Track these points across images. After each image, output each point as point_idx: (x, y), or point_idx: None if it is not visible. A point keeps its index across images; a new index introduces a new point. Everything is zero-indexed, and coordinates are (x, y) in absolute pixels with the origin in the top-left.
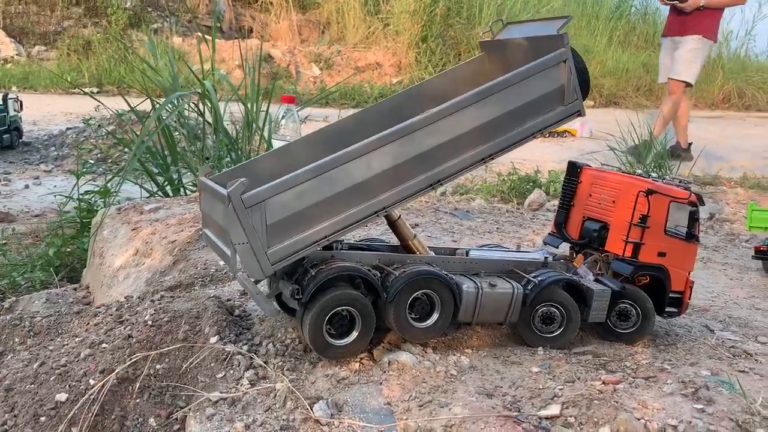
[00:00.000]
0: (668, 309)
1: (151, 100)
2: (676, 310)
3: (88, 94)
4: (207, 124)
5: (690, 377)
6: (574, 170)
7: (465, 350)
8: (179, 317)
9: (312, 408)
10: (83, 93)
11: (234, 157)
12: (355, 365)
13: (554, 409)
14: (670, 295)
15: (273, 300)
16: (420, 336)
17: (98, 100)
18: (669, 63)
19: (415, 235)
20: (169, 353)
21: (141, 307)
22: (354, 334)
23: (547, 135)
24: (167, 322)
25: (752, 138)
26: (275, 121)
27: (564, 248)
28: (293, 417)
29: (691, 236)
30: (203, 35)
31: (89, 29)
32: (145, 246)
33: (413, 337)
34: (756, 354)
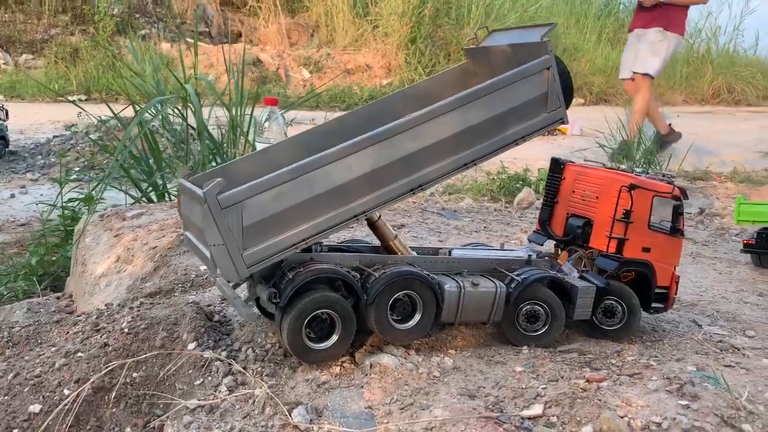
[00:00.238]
0: (654, 305)
1: (134, 106)
2: (662, 306)
3: (73, 102)
4: (191, 129)
5: (675, 373)
6: (558, 167)
7: (449, 351)
8: (157, 324)
9: (291, 414)
10: (68, 101)
11: (219, 162)
12: (336, 369)
13: (537, 409)
14: (656, 291)
15: (252, 304)
16: (402, 338)
17: (82, 108)
18: (632, 58)
19: (396, 236)
20: (146, 361)
21: (119, 315)
22: (334, 338)
23: None
24: (144, 329)
25: (742, 133)
26: (259, 124)
27: (549, 245)
28: (272, 423)
29: (676, 230)
30: (188, 40)
31: (76, 37)
32: (127, 252)
33: (395, 339)
34: (743, 348)
